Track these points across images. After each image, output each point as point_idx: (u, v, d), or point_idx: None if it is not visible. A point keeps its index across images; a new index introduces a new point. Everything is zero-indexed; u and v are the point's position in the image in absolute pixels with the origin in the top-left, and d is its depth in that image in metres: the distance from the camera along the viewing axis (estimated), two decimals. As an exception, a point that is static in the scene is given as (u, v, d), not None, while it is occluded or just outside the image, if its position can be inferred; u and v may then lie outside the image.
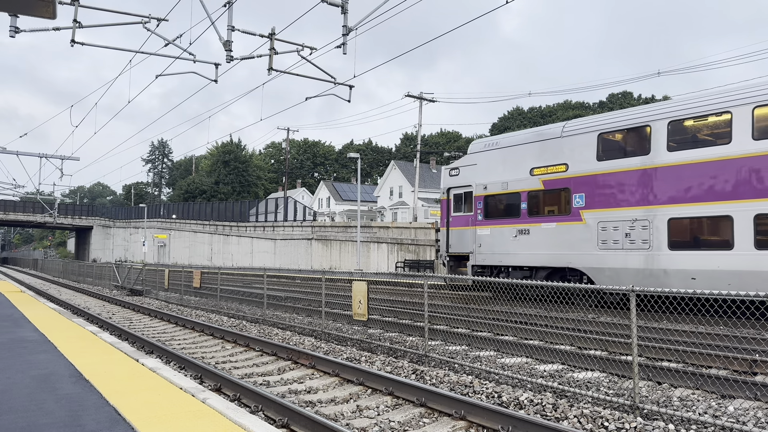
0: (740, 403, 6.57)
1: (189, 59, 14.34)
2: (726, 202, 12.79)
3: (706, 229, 13.33)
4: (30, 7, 6.27)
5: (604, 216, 15.05)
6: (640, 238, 14.29)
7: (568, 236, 15.77)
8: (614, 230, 14.84)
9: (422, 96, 38.70)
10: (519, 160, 17.22)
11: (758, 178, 12.34)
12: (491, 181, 17.92)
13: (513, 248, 17.17)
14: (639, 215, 14.34)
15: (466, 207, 18.74)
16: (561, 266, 15.96)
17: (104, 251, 77.92)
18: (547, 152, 16.46)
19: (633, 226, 14.45)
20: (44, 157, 28.31)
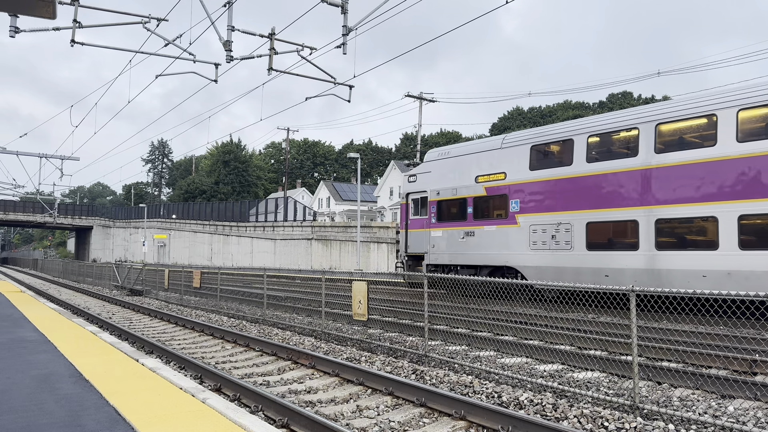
0: (740, 403, 6.57)
1: (189, 59, 14.34)
2: (633, 209, 14.34)
3: (617, 232, 14.81)
4: (30, 7, 6.27)
5: (535, 220, 16.58)
6: (564, 240, 15.83)
7: (505, 238, 17.34)
8: (543, 232, 16.36)
9: (422, 96, 38.71)
10: (466, 168, 18.74)
11: (660, 187, 14.00)
12: (443, 188, 19.38)
13: (461, 249, 18.64)
14: (563, 219, 15.90)
15: (422, 211, 20.19)
16: (500, 265, 17.42)
17: (104, 251, 77.92)
18: (490, 162, 18.04)
19: (558, 229, 16.00)
20: (44, 157, 28.31)
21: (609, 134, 15.24)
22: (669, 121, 14.21)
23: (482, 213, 18.14)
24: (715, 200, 13.18)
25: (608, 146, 15.27)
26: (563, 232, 15.85)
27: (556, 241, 16.00)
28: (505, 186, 17.41)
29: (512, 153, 17.41)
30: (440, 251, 19.22)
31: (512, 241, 17.07)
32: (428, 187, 19.96)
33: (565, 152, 16.09)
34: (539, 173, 16.61)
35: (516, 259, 17.00)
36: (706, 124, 13.52)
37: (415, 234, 20.37)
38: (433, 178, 19.83)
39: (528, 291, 16.02)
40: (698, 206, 13.42)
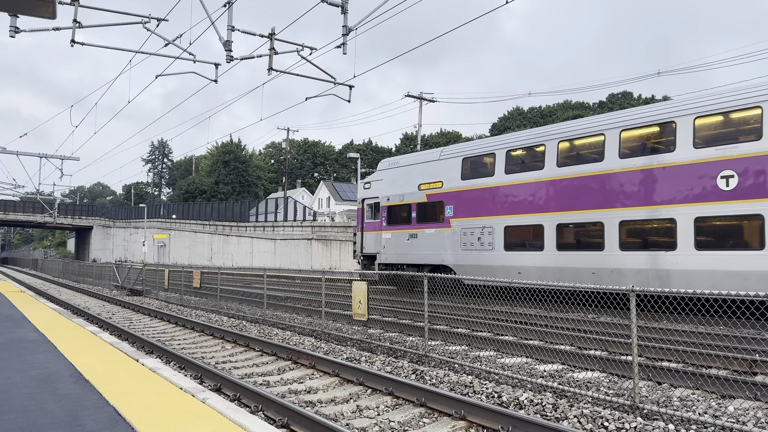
0: (740, 403, 6.57)
1: (189, 59, 14.34)
2: (540, 215, 16.48)
3: (528, 234, 16.84)
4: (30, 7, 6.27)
5: (465, 224, 18.62)
6: (487, 241, 17.88)
7: (442, 239, 19.29)
8: (471, 235, 18.39)
9: (422, 96, 38.71)
10: (412, 177, 20.79)
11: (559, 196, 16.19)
12: (392, 194, 21.45)
13: (407, 249, 20.68)
14: (486, 223, 17.95)
15: (375, 215, 22.19)
16: (437, 264, 19.34)
17: (104, 251, 77.90)
18: (430, 172, 20.10)
19: (483, 232, 18.03)
20: (44, 157, 28.32)
21: (522, 149, 17.46)
22: (569, 139, 16.39)
23: (424, 217, 20.14)
24: (602, 208, 15.31)
25: (522, 160, 17.45)
26: (487, 235, 17.96)
27: (481, 243, 18.09)
28: (442, 193, 19.50)
29: (448, 164, 19.52)
30: (390, 251, 21.22)
31: (447, 242, 19.08)
32: (380, 194, 21.95)
33: (488, 164, 18.22)
34: (469, 182, 18.70)
35: (450, 258, 18.96)
36: (599, 142, 15.51)
37: (369, 236, 22.34)
38: (385, 186, 21.86)
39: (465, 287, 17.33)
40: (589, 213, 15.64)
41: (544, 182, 16.48)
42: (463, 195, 18.75)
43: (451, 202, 19.09)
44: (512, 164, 17.54)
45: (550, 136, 16.56)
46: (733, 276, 12.52)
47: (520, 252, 16.98)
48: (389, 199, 21.51)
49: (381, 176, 22.36)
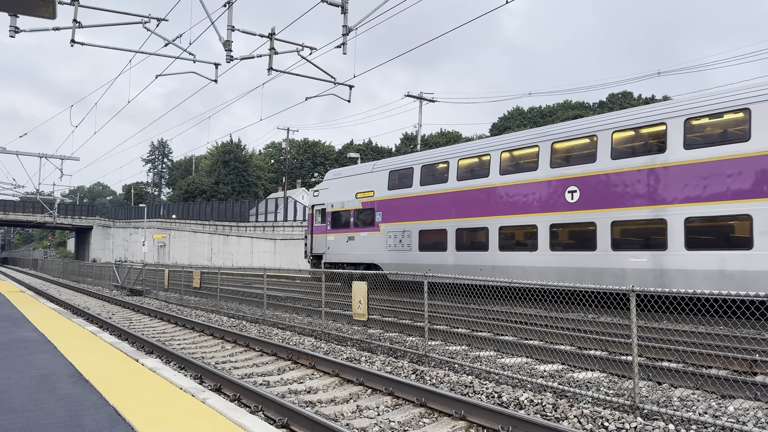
0: (740, 403, 6.56)
1: (189, 59, 14.34)
2: (444, 220, 19.53)
3: (436, 237, 19.70)
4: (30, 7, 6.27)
5: (391, 228, 21.47)
6: (406, 243, 20.76)
7: (373, 241, 22.11)
8: (395, 237, 21.25)
9: (422, 96, 38.70)
10: (351, 187, 23.56)
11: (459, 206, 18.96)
12: (336, 201, 24.25)
13: (346, 250, 23.42)
14: (406, 228, 20.85)
15: (323, 220, 24.97)
16: (370, 262, 22.16)
17: (104, 251, 77.88)
18: (364, 182, 22.94)
19: (404, 235, 20.91)
20: (44, 157, 28.32)
21: (433, 165, 20.45)
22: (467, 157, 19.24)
23: (359, 222, 22.88)
24: (486, 215, 18.11)
25: (433, 174, 20.35)
26: (406, 237, 20.82)
27: (402, 244, 20.95)
28: (373, 201, 22.36)
29: (378, 176, 22.39)
30: (333, 252, 24.08)
31: (377, 244, 21.94)
32: (326, 201, 24.84)
33: (408, 177, 21.15)
34: (394, 192, 21.55)
35: (379, 258, 21.77)
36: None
37: (317, 238, 25.17)
38: (330, 194, 24.72)
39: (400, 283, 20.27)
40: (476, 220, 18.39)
41: (447, 193, 19.52)
42: (390, 203, 21.72)
43: (381, 209, 22.03)
44: (426, 177, 20.47)
45: (453, 155, 19.78)
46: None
47: (431, 252, 19.84)
48: (333, 206, 24.38)
49: (327, 185, 25.22)
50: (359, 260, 22.63)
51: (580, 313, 13.97)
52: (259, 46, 15.48)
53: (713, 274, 12.86)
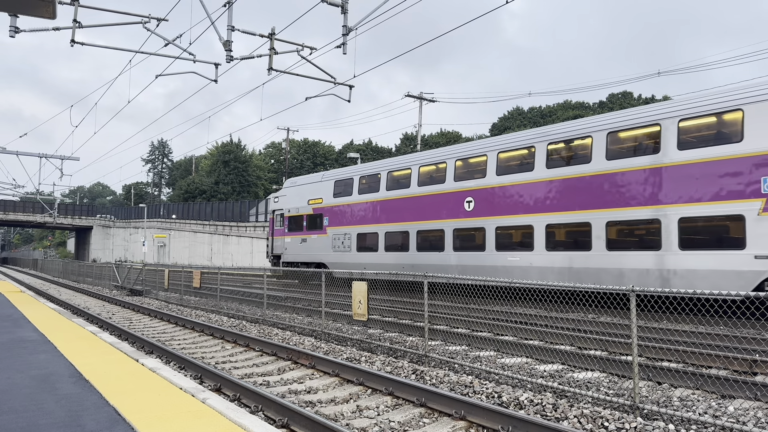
0: (740, 403, 6.56)
1: (189, 59, 14.34)
2: (376, 225, 22.42)
3: (369, 239, 22.68)
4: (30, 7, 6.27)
5: (335, 231, 24.44)
6: (347, 245, 23.70)
7: (321, 243, 25.19)
8: (338, 239, 24.20)
9: (422, 96, 38.69)
10: (304, 194, 26.74)
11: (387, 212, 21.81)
12: (292, 207, 27.39)
13: (300, 250, 26.53)
14: (347, 231, 23.72)
15: (281, 223, 28.14)
16: (318, 261, 25.24)
17: (104, 251, 77.89)
18: (315, 190, 26.06)
19: (344, 237, 23.85)
20: (44, 157, 28.31)
21: (368, 176, 23.30)
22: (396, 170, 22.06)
23: (311, 225, 25.92)
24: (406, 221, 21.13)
25: (368, 184, 23.25)
26: (347, 239, 23.63)
27: (343, 245, 23.81)
28: (321, 207, 25.42)
29: (326, 185, 25.43)
30: (290, 252, 27.24)
31: (324, 245, 24.95)
32: (284, 207, 28.00)
33: (349, 186, 24.07)
34: (337, 200, 24.45)
35: (326, 257, 24.76)
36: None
37: (277, 240, 28.31)
38: (288, 200, 27.83)
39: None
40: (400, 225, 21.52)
41: (379, 201, 22.34)
42: (334, 209, 24.70)
43: (327, 215, 25.00)
44: (362, 187, 23.37)
45: (384, 168, 22.66)
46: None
47: (364, 252, 22.84)
48: (290, 211, 27.49)
49: (285, 192, 28.37)
50: (311, 260, 25.76)
51: (580, 313, 13.98)
52: (259, 46, 15.49)
53: (564, 271, 15.93)
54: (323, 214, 25.20)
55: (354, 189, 23.68)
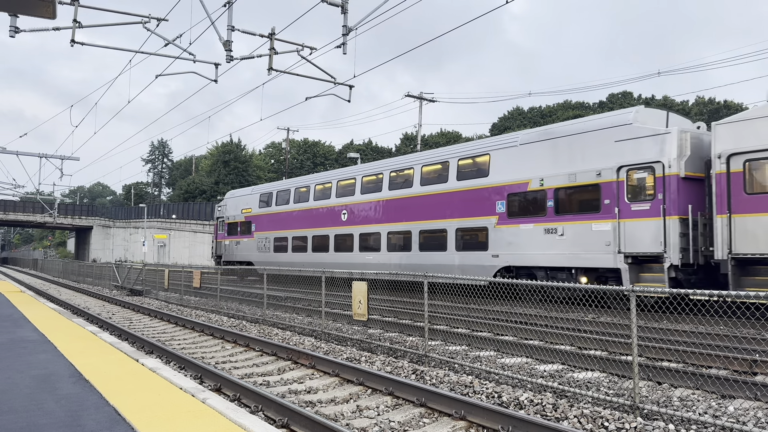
0: (740, 403, 6.56)
1: (189, 59, 14.34)
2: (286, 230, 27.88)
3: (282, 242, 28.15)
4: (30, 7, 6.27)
5: (260, 235, 29.86)
6: (267, 247, 29.20)
7: (250, 245, 30.61)
8: (262, 242, 29.66)
9: (422, 96, 38.68)
10: (239, 204, 32.16)
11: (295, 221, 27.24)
12: (231, 215, 32.84)
13: (236, 251, 32.04)
14: (268, 235, 29.25)
15: (222, 228, 33.63)
16: (248, 260, 30.53)
17: (104, 251, 77.86)
18: (247, 201, 31.55)
19: (266, 241, 29.30)
20: (44, 157, 28.31)
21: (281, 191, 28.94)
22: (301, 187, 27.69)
23: (243, 231, 31.35)
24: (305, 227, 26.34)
25: (284, 197, 28.52)
26: (268, 242, 29.23)
27: (266, 247, 29.27)
28: (251, 216, 30.81)
29: (254, 197, 30.91)
30: (228, 253, 32.78)
31: (252, 246, 30.40)
32: (224, 214, 33.46)
33: (269, 198, 29.67)
34: (262, 210, 30.02)
35: (252, 257, 30.23)
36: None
37: (219, 242, 33.96)
38: (228, 209, 33.31)
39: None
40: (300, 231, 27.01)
41: (290, 212, 27.69)
42: (259, 217, 30.09)
43: (255, 222, 30.42)
44: (278, 199, 28.88)
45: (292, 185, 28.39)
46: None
47: (279, 253, 28.06)
48: (229, 218, 32.86)
49: (226, 202, 33.96)
50: (243, 259, 31.23)
51: (580, 313, 13.98)
52: (259, 46, 15.49)
53: (405, 267, 20.72)
54: (252, 222, 30.67)
55: (273, 201, 29.35)
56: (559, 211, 16.21)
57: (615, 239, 14.75)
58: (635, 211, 14.53)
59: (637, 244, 14.39)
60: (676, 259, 13.66)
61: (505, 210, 17.70)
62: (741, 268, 12.99)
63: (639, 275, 14.53)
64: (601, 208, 15.17)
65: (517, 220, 17.30)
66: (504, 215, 17.72)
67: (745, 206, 12.82)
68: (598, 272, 15.49)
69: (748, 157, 12.83)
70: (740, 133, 13.06)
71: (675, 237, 13.73)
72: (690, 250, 13.73)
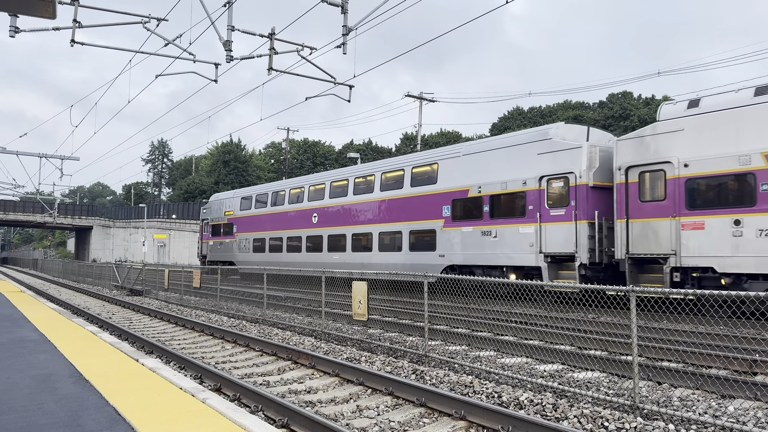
0: (740, 403, 6.56)
1: (189, 59, 14.34)
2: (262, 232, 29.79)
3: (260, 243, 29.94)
4: (30, 7, 6.27)
5: (240, 236, 31.75)
6: (247, 247, 31.04)
7: (233, 245, 32.34)
8: (242, 243, 31.57)
9: (422, 96, 38.68)
10: (222, 207, 34.10)
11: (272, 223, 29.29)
12: (214, 217, 34.72)
13: (219, 252, 33.77)
14: (248, 237, 31.02)
15: (207, 230, 35.52)
16: (230, 260, 32.34)
17: (104, 251, 77.82)
18: (230, 204, 33.42)
19: (246, 242, 31.19)
20: (44, 157, 28.32)
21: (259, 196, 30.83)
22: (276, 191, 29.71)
23: (226, 232, 33.21)
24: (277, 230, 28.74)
25: (262, 201, 30.42)
26: (247, 243, 31.03)
27: (245, 248, 31.08)
28: (233, 218, 32.65)
29: (236, 200, 32.93)
30: (212, 253, 34.56)
31: (234, 247, 32.22)
32: (209, 217, 35.46)
33: (249, 202, 31.47)
34: (242, 212, 31.83)
35: (234, 257, 32.02)
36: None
37: (204, 243, 35.73)
38: (212, 212, 35.30)
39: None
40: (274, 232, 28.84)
41: (268, 215, 29.57)
42: (240, 220, 31.90)
43: (236, 224, 32.20)
44: (258, 202, 30.68)
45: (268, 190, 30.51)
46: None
47: (258, 253, 29.81)
48: (213, 220, 34.77)
49: (210, 205, 35.99)
50: (225, 258, 32.92)
51: (580, 313, 13.98)
52: (259, 46, 15.49)
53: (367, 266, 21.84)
54: (233, 223, 32.45)
55: (252, 204, 31.11)
56: (493, 215, 18.01)
57: (537, 241, 16.52)
58: (553, 216, 16.30)
59: (554, 245, 16.15)
60: (585, 258, 15.36)
61: (450, 214, 19.44)
62: (637, 266, 14.64)
63: (557, 272, 16.27)
64: (526, 213, 16.94)
65: (460, 223, 19.07)
66: (449, 219, 19.46)
67: (640, 212, 14.52)
68: (524, 270, 17.04)
69: (643, 169, 14.57)
70: (636, 149, 14.76)
71: (584, 239, 15.43)
72: (596, 250, 15.41)
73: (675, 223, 13.80)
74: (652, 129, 14.67)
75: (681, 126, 13.95)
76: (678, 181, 13.83)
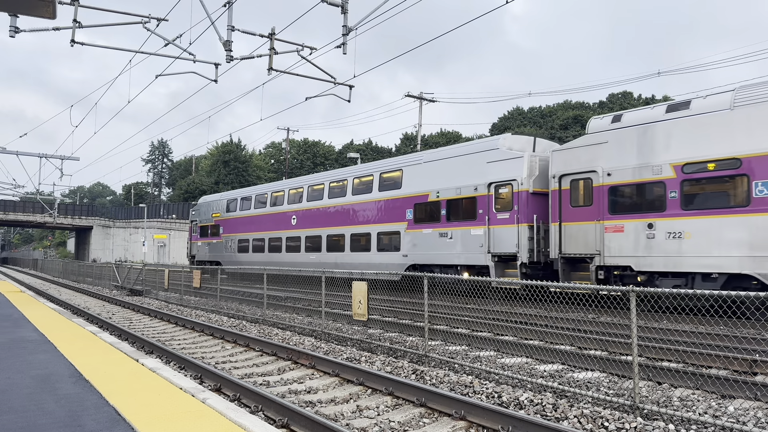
0: (740, 403, 6.56)
1: (189, 59, 14.34)
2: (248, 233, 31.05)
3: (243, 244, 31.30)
4: (30, 7, 6.27)
5: (226, 237, 32.88)
6: (232, 248, 32.17)
7: (219, 245, 33.57)
8: (228, 243, 32.67)
9: (422, 96, 38.67)
10: (210, 209, 35.22)
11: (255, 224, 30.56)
12: (203, 219, 35.85)
13: (207, 252, 34.96)
14: (233, 237, 32.21)
15: (195, 231, 36.80)
16: (217, 260, 33.31)
17: (104, 251, 77.79)
18: (217, 206, 34.50)
19: (231, 242, 32.37)
20: (44, 157, 28.32)
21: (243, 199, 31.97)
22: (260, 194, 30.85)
23: (213, 233, 34.43)
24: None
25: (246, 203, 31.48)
26: (233, 243, 32.14)
27: (231, 248, 32.30)
28: (219, 219, 33.80)
29: (222, 203, 34.09)
30: (201, 253, 35.70)
31: (220, 247, 33.41)
32: (197, 218, 36.58)
33: (234, 204, 32.65)
34: (227, 214, 33.05)
35: (220, 257, 33.17)
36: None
37: (193, 244, 36.91)
38: (200, 213, 36.33)
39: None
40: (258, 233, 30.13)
41: (251, 217, 30.59)
42: (226, 221, 33.16)
43: (222, 225, 33.44)
44: (241, 205, 31.91)
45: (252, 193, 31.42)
46: None
47: (243, 253, 31.07)
48: (201, 222, 35.94)
49: (199, 207, 37.25)
50: (212, 258, 33.95)
51: (580, 313, 13.99)
52: (259, 46, 15.49)
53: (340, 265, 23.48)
54: (220, 225, 33.72)
55: (237, 207, 32.31)
56: (450, 218, 19.41)
57: (486, 242, 17.94)
58: (500, 219, 17.76)
59: (501, 245, 17.61)
60: (525, 258, 16.87)
61: (413, 217, 20.95)
62: (568, 264, 16.01)
63: (504, 271, 17.70)
64: (477, 217, 18.38)
65: (421, 225, 20.56)
66: (412, 221, 20.97)
67: (570, 216, 15.89)
68: (475, 269, 18.35)
69: (573, 177, 15.93)
70: (568, 159, 16.07)
71: (524, 240, 16.94)
72: (535, 250, 16.92)
73: (599, 227, 15.17)
74: (581, 141, 15.99)
75: (605, 138, 15.26)
76: (602, 189, 15.19)
